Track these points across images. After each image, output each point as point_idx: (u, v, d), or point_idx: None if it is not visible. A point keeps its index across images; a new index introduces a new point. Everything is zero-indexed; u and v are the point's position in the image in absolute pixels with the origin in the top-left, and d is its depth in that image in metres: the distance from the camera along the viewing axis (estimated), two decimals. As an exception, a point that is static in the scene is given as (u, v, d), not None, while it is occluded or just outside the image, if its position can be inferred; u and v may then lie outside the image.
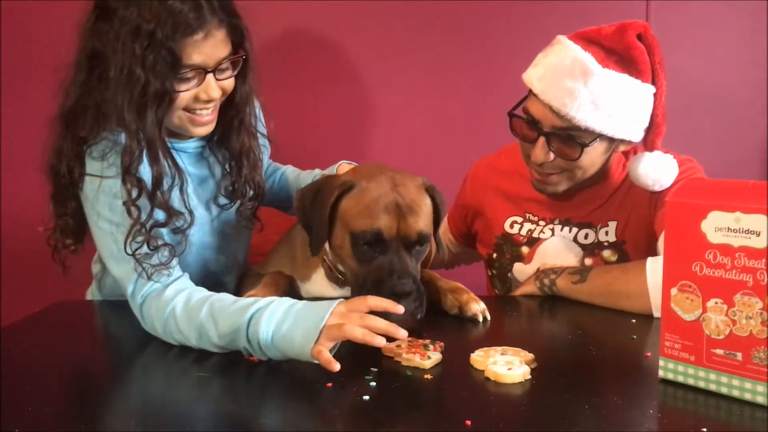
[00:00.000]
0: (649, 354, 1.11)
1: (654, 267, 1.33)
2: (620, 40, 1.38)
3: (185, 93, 1.23)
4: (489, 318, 1.31)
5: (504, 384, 0.99)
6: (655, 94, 1.42)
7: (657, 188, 1.44)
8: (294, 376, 1.06)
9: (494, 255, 1.68)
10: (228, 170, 1.42)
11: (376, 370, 1.04)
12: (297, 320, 1.06)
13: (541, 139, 1.43)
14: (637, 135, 1.44)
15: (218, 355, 1.14)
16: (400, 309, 1.09)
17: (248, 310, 1.10)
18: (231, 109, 1.36)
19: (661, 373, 1.00)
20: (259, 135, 1.46)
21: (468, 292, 1.36)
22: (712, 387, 0.94)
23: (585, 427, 0.85)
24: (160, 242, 1.23)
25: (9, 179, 2.09)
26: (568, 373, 1.06)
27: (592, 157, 1.44)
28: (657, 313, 1.29)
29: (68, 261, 1.36)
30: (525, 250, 1.62)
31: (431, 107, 2.13)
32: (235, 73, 1.30)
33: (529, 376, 1.02)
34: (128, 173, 1.19)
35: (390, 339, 1.07)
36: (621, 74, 1.37)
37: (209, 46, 1.21)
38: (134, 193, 1.20)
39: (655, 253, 1.44)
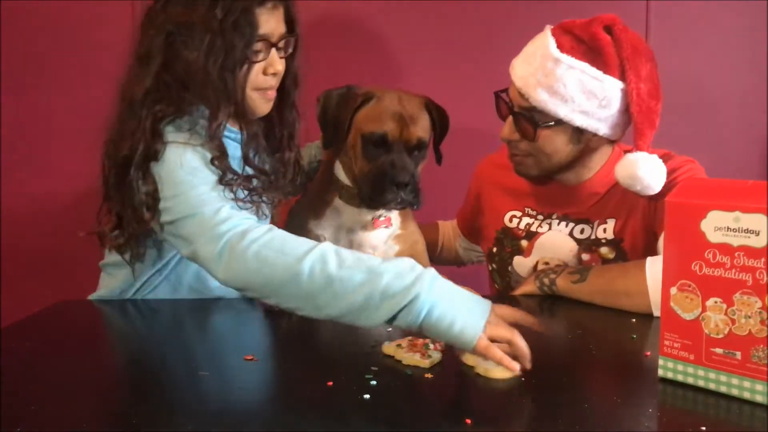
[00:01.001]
0: (648, 353, 1.12)
1: (654, 266, 1.33)
2: (587, 29, 1.42)
3: (255, 67, 1.30)
4: None
5: (498, 380, 1.00)
6: (625, 91, 1.41)
7: (638, 189, 1.42)
8: (294, 376, 1.06)
9: (494, 249, 1.69)
10: (277, 151, 1.47)
11: (376, 369, 1.04)
12: (460, 309, 0.98)
13: (510, 118, 1.51)
14: (604, 128, 1.44)
15: (218, 354, 1.14)
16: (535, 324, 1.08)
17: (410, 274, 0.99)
18: (281, 92, 1.43)
19: (660, 372, 1.00)
20: None
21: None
22: (712, 386, 0.94)
23: (585, 427, 0.85)
24: (254, 193, 1.30)
25: (9, 179, 2.09)
26: (567, 373, 1.06)
27: (555, 144, 1.47)
28: (657, 312, 1.29)
29: (77, 260, 1.36)
30: (524, 243, 1.63)
31: (453, 94, 2.12)
32: (288, 53, 1.38)
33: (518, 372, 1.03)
34: (215, 138, 1.25)
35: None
36: (581, 62, 1.40)
37: (275, 19, 1.31)
38: (221, 156, 1.25)
39: (653, 252, 1.44)
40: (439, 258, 1.95)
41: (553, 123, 1.44)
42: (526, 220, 1.65)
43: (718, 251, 0.92)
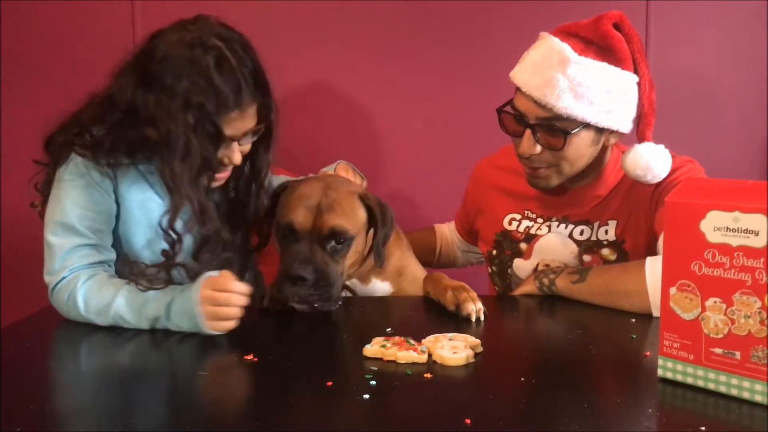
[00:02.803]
0: (648, 353, 1.12)
1: (653, 266, 1.33)
2: (596, 29, 1.41)
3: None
4: (482, 319, 1.31)
5: (449, 367, 1.06)
6: (638, 84, 1.43)
7: (649, 179, 1.44)
8: (294, 376, 1.06)
9: (494, 252, 1.69)
10: (242, 229, 1.47)
11: (376, 369, 1.05)
12: (177, 316, 1.24)
13: (527, 132, 1.45)
14: (624, 125, 1.45)
15: (219, 354, 1.14)
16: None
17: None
18: (251, 173, 1.43)
19: (660, 372, 1.00)
20: None
21: (469, 291, 1.36)
22: (711, 386, 0.94)
23: (584, 427, 0.85)
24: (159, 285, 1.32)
25: (9, 179, 2.10)
26: (567, 373, 1.06)
27: (579, 148, 1.45)
28: (656, 313, 1.29)
29: None
30: (523, 246, 1.63)
31: (432, 109, 2.13)
32: (255, 139, 1.37)
33: (472, 360, 1.07)
34: (174, 231, 1.29)
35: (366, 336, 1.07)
36: (599, 62, 1.39)
37: (241, 121, 1.30)
38: (176, 248, 1.31)
39: (654, 253, 1.44)
40: (438, 262, 1.94)
41: (580, 128, 1.42)
42: (525, 222, 1.64)
43: (718, 251, 0.92)
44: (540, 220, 1.62)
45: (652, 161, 1.42)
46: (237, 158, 1.33)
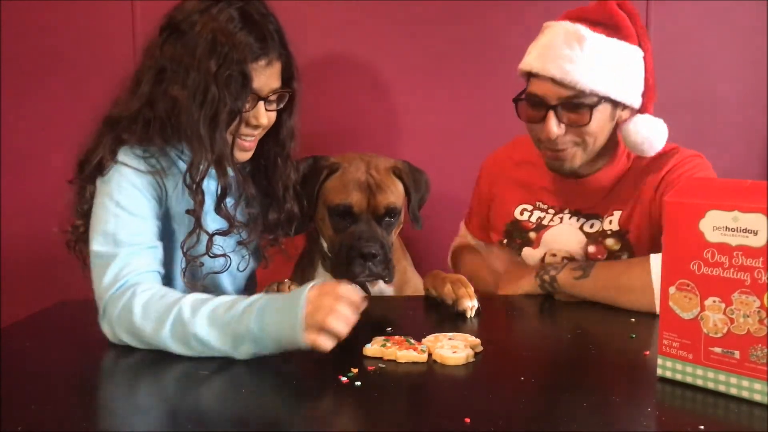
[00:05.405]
0: (647, 352, 1.12)
1: (658, 262, 1.33)
2: (603, 11, 1.46)
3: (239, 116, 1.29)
4: (473, 315, 1.33)
5: (449, 366, 1.06)
6: (644, 59, 1.48)
7: (645, 148, 1.48)
8: (294, 375, 1.06)
9: (504, 241, 1.70)
10: (273, 205, 1.45)
11: (373, 368, 1.05)
12: (276, 311, 1.08)
13: (550, 113, 1.46)
14: (635, 99, 1.49)
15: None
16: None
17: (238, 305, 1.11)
18: (276, 145, 1.41)
19: (659, 372, 1.00)
20: None
21: (467, 286, 1.37)
22: (711, 385, 0.94)
23: (584, 426, 0.85)
24: (218, 251, 1.31)
25: (9, 179, 2.10)
26: (567, 372, 1.06)
27: (600, 123, 1.47)
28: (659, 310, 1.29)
29: (77, 260, 1.36)
30: (533, 235, 1.63)
31: (442, 105, 2.12)
32: (281, 107, 1.36)
33: (472, 359, 1.08)
34: (197, 187, 1.26)
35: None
36: (610, 38, 1.44)
37: (267, 74, 1.29)
38: (199, 205, 1.27)
39: (658, 245, 1.45)
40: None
41: (601, 101, 1.45)
42: (537, 213, 1.66)
43: (717, 251, 0.92)
44: (552, 211, 1.63)
45: (651, 132, 1.47)
46: (263, 119, 1.31)
